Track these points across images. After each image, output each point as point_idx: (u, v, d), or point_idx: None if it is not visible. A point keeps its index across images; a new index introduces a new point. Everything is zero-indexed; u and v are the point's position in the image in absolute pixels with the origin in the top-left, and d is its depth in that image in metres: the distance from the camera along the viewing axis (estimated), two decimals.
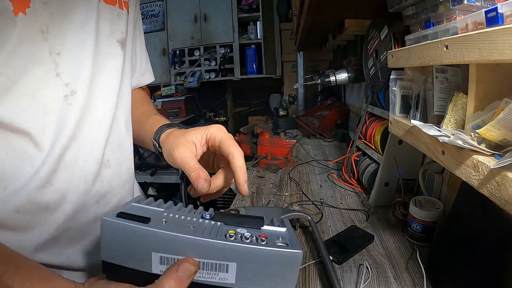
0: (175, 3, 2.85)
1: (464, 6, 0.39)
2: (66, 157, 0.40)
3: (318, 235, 0.66)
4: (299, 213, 0.72)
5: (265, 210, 0.77)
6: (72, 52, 0.39)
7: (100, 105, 0.44)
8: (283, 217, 0.62)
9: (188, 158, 0.41)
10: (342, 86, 1.96)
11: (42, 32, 0.35)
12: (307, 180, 1.11)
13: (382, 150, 0.86)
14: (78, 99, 0.40)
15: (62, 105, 0.39)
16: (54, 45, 0.37)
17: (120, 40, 0.47)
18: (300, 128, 1.96)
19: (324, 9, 0.96)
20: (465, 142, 0.32)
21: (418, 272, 0.57)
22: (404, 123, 0.53)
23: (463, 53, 0.33)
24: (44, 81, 0.37)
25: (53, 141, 0.38)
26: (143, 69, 0.60)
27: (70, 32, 0.38)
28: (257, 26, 2.79)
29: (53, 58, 0.37)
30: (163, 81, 2.91)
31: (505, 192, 0.27)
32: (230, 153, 0.41)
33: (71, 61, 0.39)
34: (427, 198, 0.69)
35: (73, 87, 0.39)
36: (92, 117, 0.43)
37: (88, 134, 0.42)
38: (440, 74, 0.46)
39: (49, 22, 0.36)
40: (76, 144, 0.41)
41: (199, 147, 0.43)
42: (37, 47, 0.35)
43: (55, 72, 0.37)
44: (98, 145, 0.44)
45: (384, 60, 0.79)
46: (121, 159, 0.49)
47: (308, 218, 0.70)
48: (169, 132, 0.47)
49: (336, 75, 1.24)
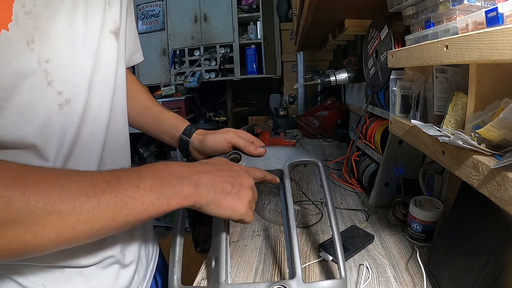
0: (175, 3, 2.85)
1: (464, 6, 0.39)
2: (70, 161, 0.40)
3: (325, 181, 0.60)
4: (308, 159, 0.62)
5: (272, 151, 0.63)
6: (62, 55, 0.37)
7: (97, 105, 0.43)
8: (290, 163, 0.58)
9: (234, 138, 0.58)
10: (342, 86, 1.96)
11: (28, 44, 0.33)
12: (307, 180, 1.11)
13: (382, 150, 0.86)
14: (75, 107, 0.39)
15: (58, 114, 0.38)
16: (41, 53, 0.35)
17: (113, 30, 0.45)
18: (300, 128, 1.95)
19: (324, 9, 0.96)
20: (465, 142, 0.32)
21: (418, 272, 0.57)
22: (404, 123, 0.53)
23: (463, 53, 0.33)
24: (37, 92, 0.35)
25: (57, 150, 0.38)
26: (132, 50, 0.59)
27: (57, 35, 0.36)
28: (257, 26, 2.79)
29: (43, 66, 0.35)
30: (163, 81, 2.91)
31: (505, 192, 0.27)
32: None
33: (61, 66, 0.37)
34: (427, 198, 0.69)
35: (67, 96, 0.38)
36: (91, 119, 0.42)
37: (89, 137, 0.42)
38: (440, 74, 0.46)
39: (34, 32, 0.34)
40: (78, 149, 0.41)
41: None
42: (25, 59, 0.33)
43: (46, 81, 0.36)
44: (98, 146, 0.44)
45: (384, 60, 0.79)
46: (115, 155, 0.49)
47: (318, 164, 0.61)
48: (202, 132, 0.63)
49: (336, 75, 1.24)
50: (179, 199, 0.37)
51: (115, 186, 0.33)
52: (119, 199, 0.32)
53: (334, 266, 0.60)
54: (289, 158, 0.59)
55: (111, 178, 0.33)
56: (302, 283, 0.46)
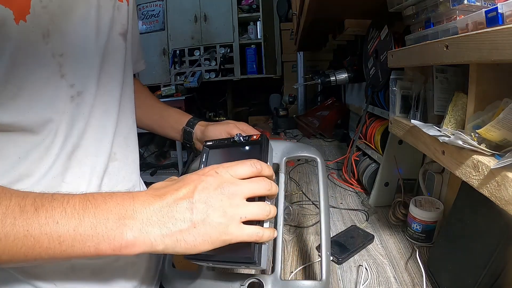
0: (175, 3, 2.85)
1: (464, 6, 0.39)
2: (78, 153, 0.41)
3: (322, 177, 0.54)
4: (306, 154, 0.57)
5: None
6: (75, 50, 0.39)
7: (107, 100, 0.45)
8: (287, 157, 0.53)
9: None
10: (342, 86, 1.95)
11: (43, 37, 0.35)
12: (307, 180, 1.11)
13: (382, 150, 0.86)
14: (85, 98, 0.41)
15: (70, 105, 0.39)
16: (56, 47, 0.37)
17: (122, 32, 0.48)
18: (300, 128, 1.95)
19: (324, 9, 0.96)
20: (465, 142, 0.32)
21: (418, 272, 0.57)
22: (404, 123, 0.53)
23: (463, 53, 0.33)
24: (50, 84, 0.37)
25: (65, 139, 0.39)
26: (135, 57, 0.62)
27: (72, 31, 0.38)
28: (257, 26, 2.79)
29: (57, 60, 0.37)
30: (163, 81, 2.91)
31: (505, 192, 0.27)
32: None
33: (74, 60, 0.39)
34: (427, 198, 0.69)
35: (79, 88, 0.40)
36: (100, 113, 0.44)
37: (98, 130, 0.43)
38: (440, 74, 0.46)
39: (50, 26, 0.35)
40: (86, 141, 0.42)
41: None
42: (40, 51, 0.35)
43: (59, 74, 0.37)
44: (107, 140, 0.45)
45: (384, 60, 0.79)
46: (127, 151, 0.50)
47: (317, 159, 0.56)
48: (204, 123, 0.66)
49: (336, 75, 1.24)
50: (114, 247, 0.30)
51: (29, 218, 0.28)
52: (30, 234, 0.27)
53: (334, 267, 0.60)
54: (286, 152, 0.55)
55: (30, 206, 0.28)
56: (279, 280, 0.44)
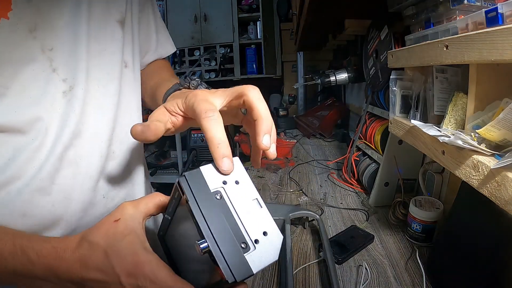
0: (175, 3, 2.85)
1: (464, 6, 0.39)
2: (69, 154, 0.39)
3: (324, 235, 0.66)
4: (308, 212, 0.73)
5: (274, 207, 0.77)
6: (66, 43, 0.37)
7: (101, 96, 0.42)
8: (291, 214, 0.62)
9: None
10: (342, 86, 1.96)
11: (30, 31, 0.33)
12: (307, 180, 1.11)
13: (382, 150, 0.86)
14: (77, 94, 0.39)
15: (61, 102, 0.37)
16: (45, 41, 0.35)
17: (119, 20, 0.44)
18: (300, 128, 1.96)
19: (324, 9, 0.96)
20: (465, 142, 0.32)
21: (417, 272, 0.57)
22: (404, 123, 0.53)
23: (463, 53, 0.33)
24: (41, 79, 0.35)
25: (55, 139, 0.37)
26: (161, 40, 0.57)
27: (61, 23, 0.36)
28: (257, 26, 2.79)
29: (47, 54, 0.35)
30: None
31: (505, 192, 0.27)
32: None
33: (66, 54, 0.37)
34: (427, 198, 0.69)
35: (71, 82, 0.38)
36: (94, 110, 0.41)
37: (91, 129, 0.41)
38: (440, 74, 0.46)
39: (36, 19, 0.34)
40: (79, 140, 0.39)
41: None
42: (28, 47, 0.33)
43: (50, 68, 0.36)
44: (102, 139, 0.42)
45: (384, 60, 0.79)
46: (128, 149, 0.47)
47: (316, 217, 0.70)
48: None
49: (336, 75, 1.24)
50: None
51: None
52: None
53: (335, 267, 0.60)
54: (291, 211, 0.70)
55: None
56: None
